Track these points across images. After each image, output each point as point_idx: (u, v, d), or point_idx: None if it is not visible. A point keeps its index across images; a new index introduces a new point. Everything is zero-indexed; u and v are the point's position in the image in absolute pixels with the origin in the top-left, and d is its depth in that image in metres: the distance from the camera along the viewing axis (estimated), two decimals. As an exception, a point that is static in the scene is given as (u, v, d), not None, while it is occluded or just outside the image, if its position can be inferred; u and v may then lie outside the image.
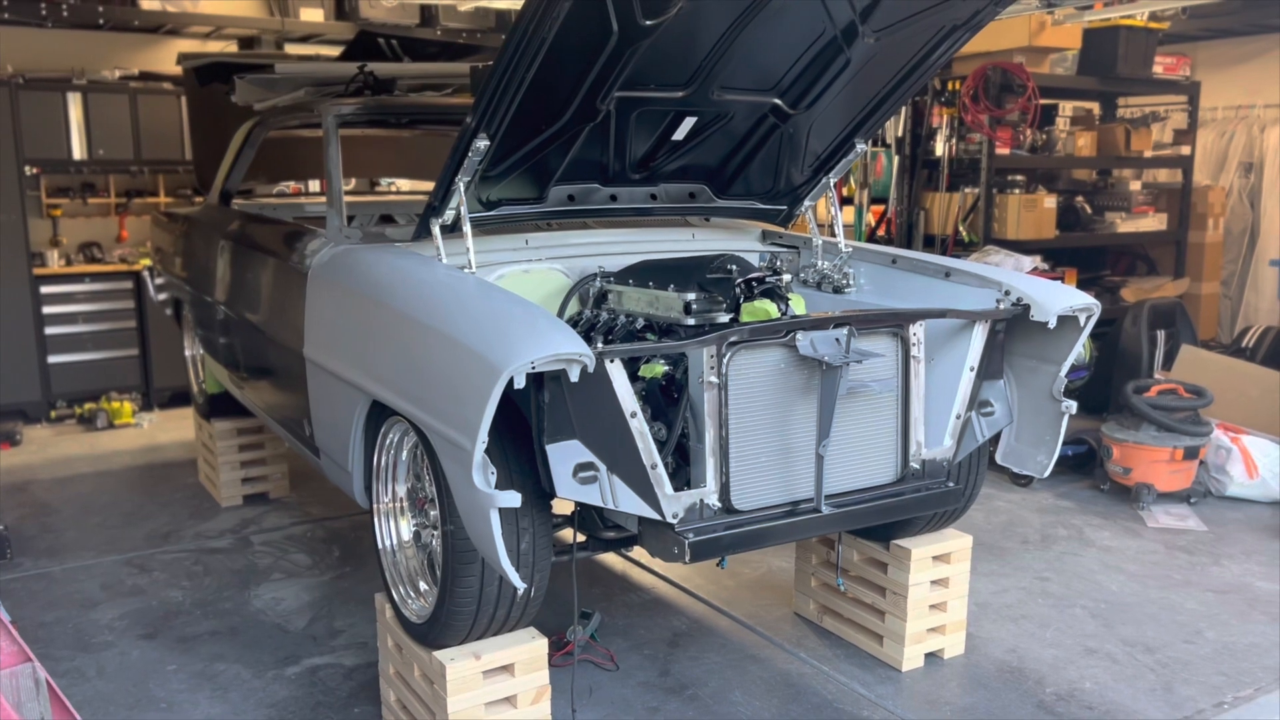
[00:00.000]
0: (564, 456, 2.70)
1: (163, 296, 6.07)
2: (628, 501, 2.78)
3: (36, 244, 7.25)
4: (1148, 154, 7.20)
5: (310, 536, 5.06)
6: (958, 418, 3.35)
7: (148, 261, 6.79)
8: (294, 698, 3.58)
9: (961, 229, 6.62)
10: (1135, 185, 7.68)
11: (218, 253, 4.76)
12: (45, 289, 7.15)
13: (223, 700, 3.56)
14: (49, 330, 7.17)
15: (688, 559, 2.83)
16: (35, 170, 7.14)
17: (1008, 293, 3.39)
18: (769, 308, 3.28)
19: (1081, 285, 6.63)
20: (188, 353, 5.88)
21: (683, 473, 2.97)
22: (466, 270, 3.14)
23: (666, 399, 3.05)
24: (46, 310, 7.16)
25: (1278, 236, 8.31)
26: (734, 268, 3.40)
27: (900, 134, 6.82)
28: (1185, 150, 7.52)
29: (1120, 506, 5.44)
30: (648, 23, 2.91)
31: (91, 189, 7.51)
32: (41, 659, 3.76)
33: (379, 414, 3.24)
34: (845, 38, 3.29)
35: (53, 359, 7.20)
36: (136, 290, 7.40)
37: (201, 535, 5.10)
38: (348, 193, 6.52)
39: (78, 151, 7.19)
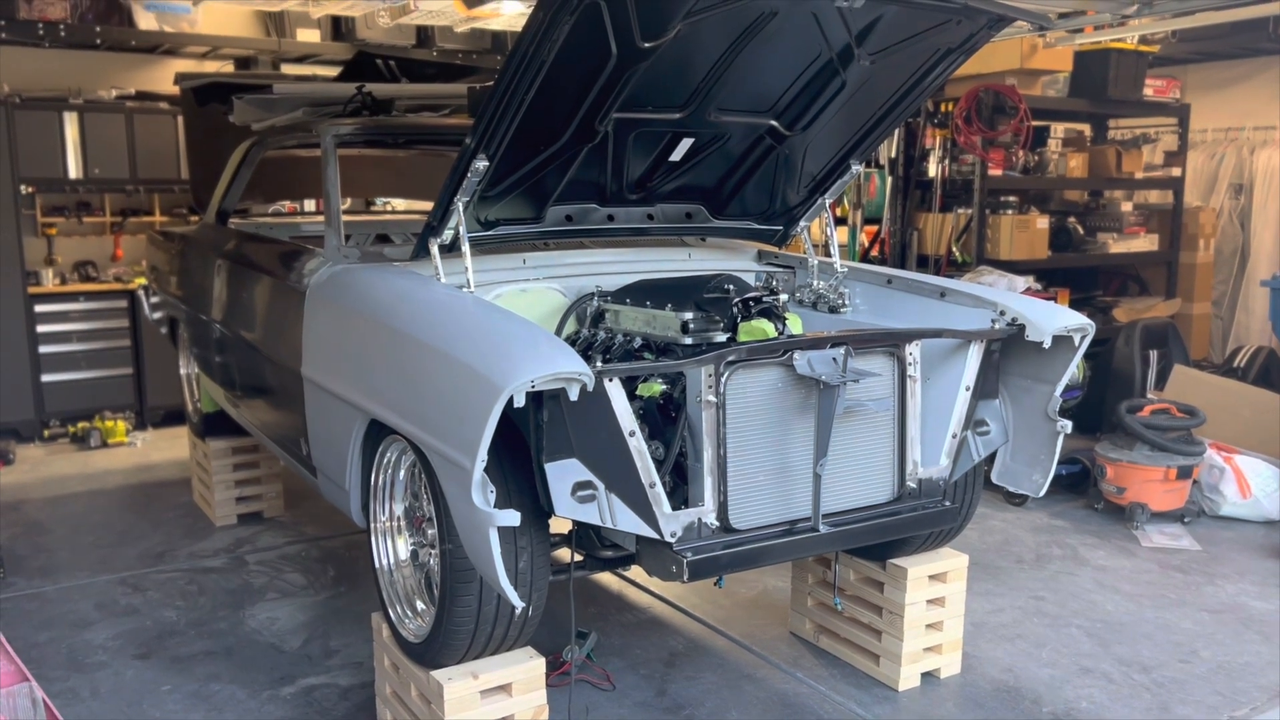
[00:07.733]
0: (562, 475, 2.70)
1: (158, 315, 6.07)
2: (626, 520, 2.78)
3: (31, 263, 7.24)
4: (1139, 175, 7.26)
5: (305, 556, 5.05)
6: (954, 437, 3.36)
7: (143, 280, 6.79)
8: (289, 718, 3.56)
9: (955, 249, 6.66)
10: (1126, 206, 7.74)
11: (214, 272, 4.77)
12: (40, 308, 7.13)
13: (217, 721, 3.55)
14: (43, 349, 7.15)
15: (686, 578, 2.83)
16: (30, 189, 7.14)
17: (1003, 313, 3.41)
18: (766, 327, 3.30)
19: (1074, 305, 6.66)
20: (183, 371, 5.88)
21: (680, 492, 2.97)
22: (465, 289, 3.16)
23: (664, 418, 3.06)
24: (41, 329, 7.13)
25: (1268, 257, 8.37)
26: (731, 287, 3.41)
27: (894, 155, 6.88)
28: (1176, 172, 7.58)
29: (1114, 526, 5.45)
30: (646, 45, 2.95)
31: (87, 208, 7.51)
32: (35, 680, 3.74)
33: (377, 433, 3.24)
34: (841, 60, 3.33)
35: (46, 377, 7.17)
36: (131, 309, 7.39)
37: (196, 555, 5.08)
38: (343, 212, 6.53)
39: (73, 170, 7.19)
